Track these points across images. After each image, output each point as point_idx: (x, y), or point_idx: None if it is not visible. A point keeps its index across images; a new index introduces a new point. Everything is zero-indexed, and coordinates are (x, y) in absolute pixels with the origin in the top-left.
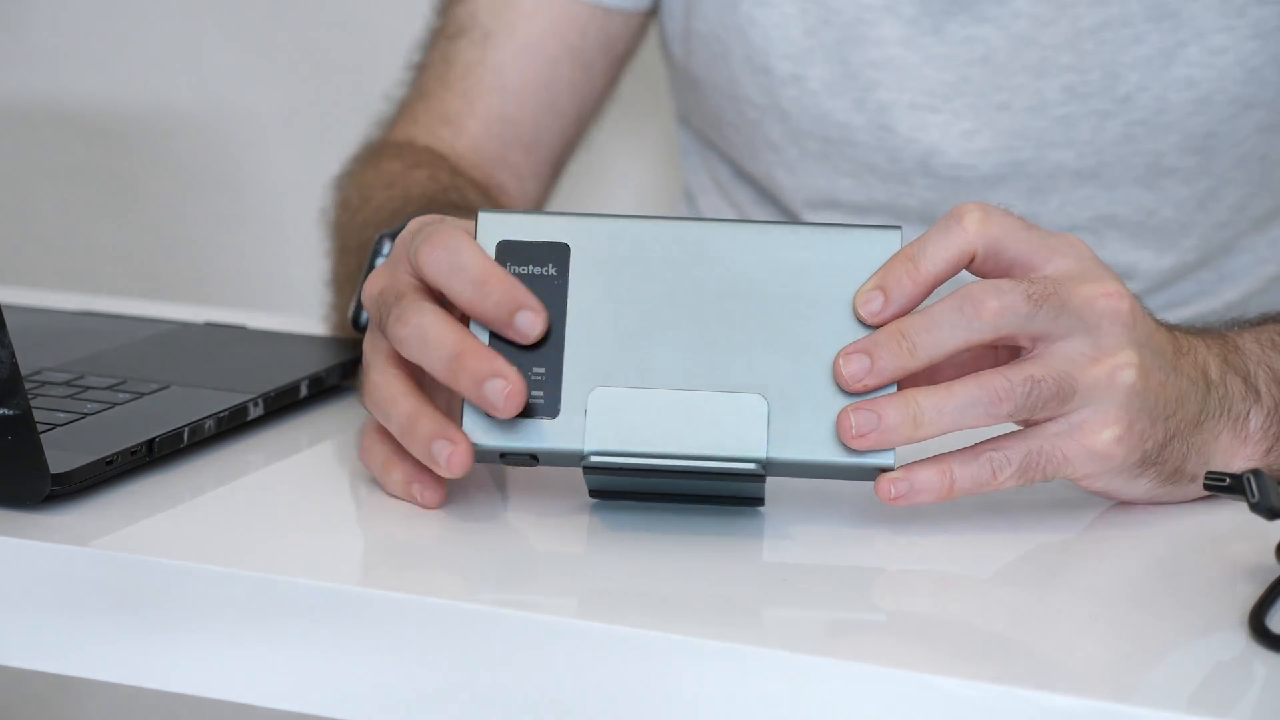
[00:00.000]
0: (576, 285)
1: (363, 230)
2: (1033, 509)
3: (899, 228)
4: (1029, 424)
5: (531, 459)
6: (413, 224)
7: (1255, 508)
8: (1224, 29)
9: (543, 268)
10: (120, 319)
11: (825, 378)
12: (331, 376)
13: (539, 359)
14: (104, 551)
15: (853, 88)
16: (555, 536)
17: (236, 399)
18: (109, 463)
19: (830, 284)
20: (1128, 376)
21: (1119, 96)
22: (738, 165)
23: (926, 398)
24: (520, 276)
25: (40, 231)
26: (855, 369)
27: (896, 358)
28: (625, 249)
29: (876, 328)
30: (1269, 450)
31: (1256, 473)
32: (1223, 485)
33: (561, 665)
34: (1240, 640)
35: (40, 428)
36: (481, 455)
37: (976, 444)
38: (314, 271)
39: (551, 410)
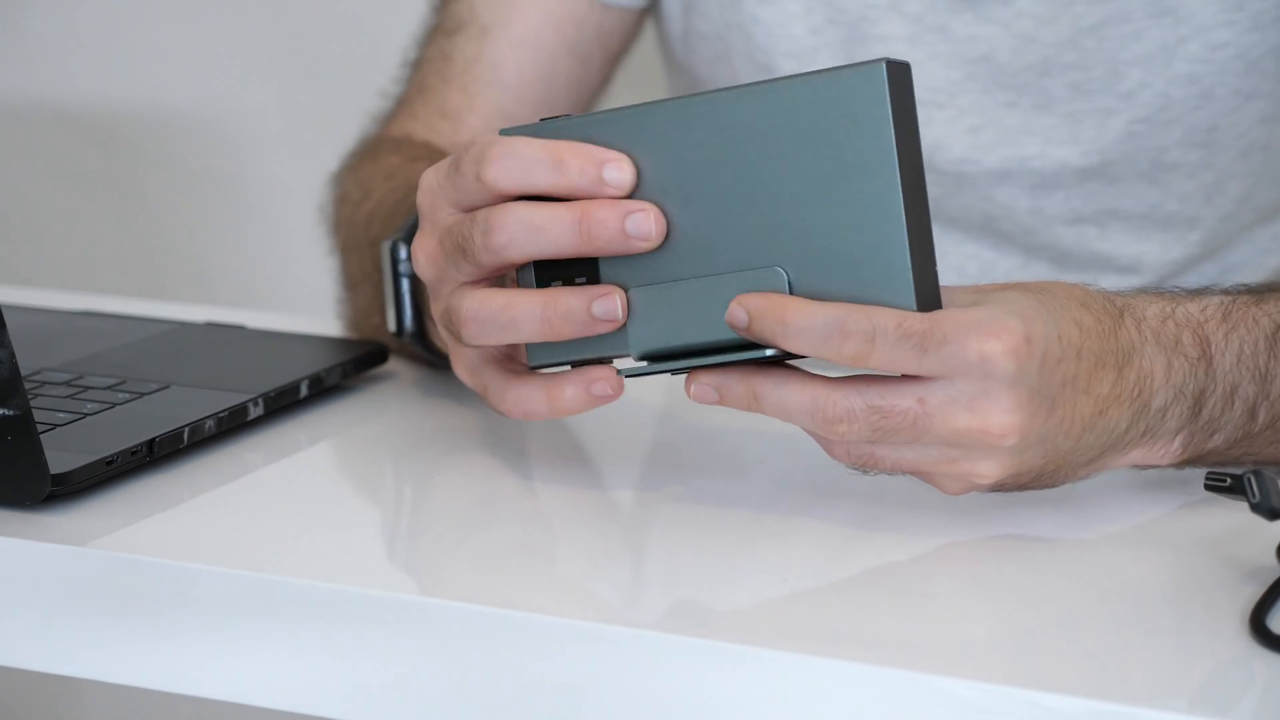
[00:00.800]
0: None
1: (368, 225)
2: (1032, 509)
3: (881, 63)
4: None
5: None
6: (429, 175)
7: (1255, 508)
8: (1224, 23)
9: None
10: (120, 319)
11: (832, 237)
12: (331, 376)
13: (580, 270)
14: (104, 551)
15: None
16: (556, 536)
17: (236, 399)
18: (109, 463)
19: (817, 139)
20: (985, 482)
21: (1121, 93)
22: None
23: (770, 396)
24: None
25: (40, 231)
26: (703, 395)
27: (740, 397)
28: (640, 144)
29: None
30: (1184, 461)
31: (1257, 472)
32: (1223, 486)
33: (562, 665)
34: (1240, 640)
35: (40, 428)
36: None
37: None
38: (314, 271)
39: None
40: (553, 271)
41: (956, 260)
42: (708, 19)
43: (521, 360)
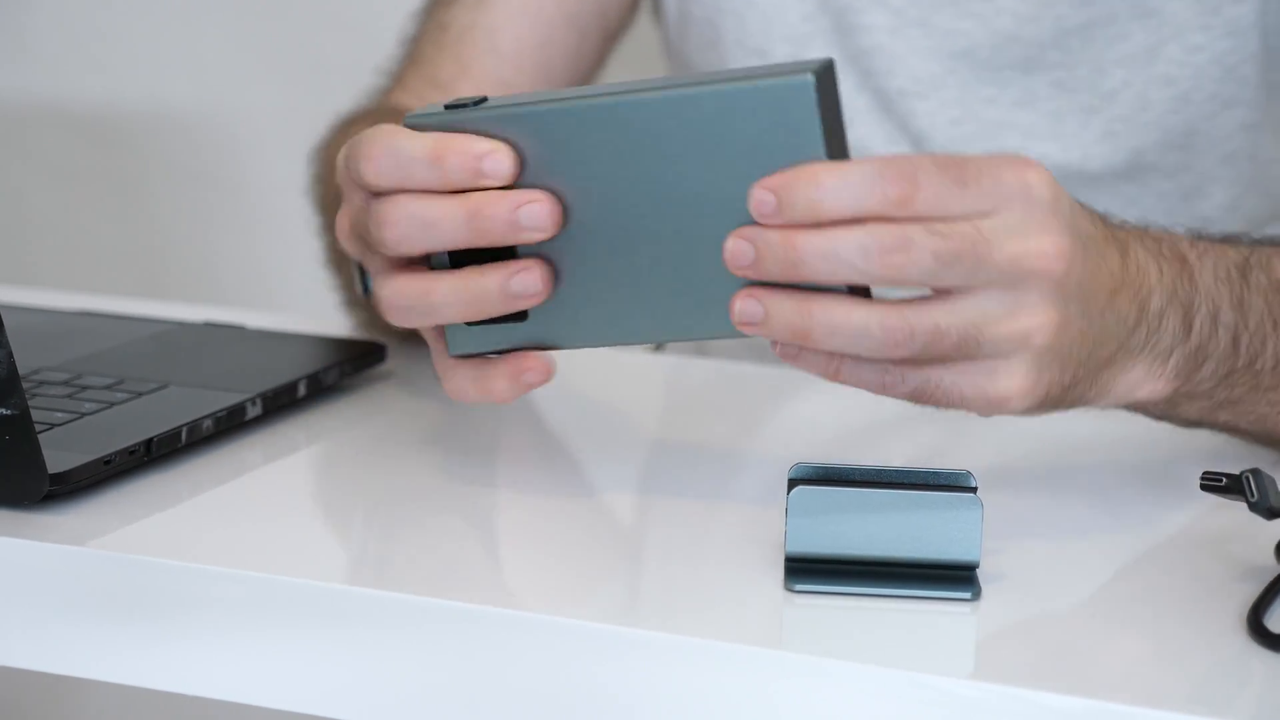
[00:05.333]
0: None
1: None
2: (1031, 509)
3: (808, 75)
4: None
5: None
6: (340, 153)
7: (1254, 508)
8: (1201, 27)
9: None
10: (119, 319)
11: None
12: (330, 376)
13: (496, 255)
14: (102, 551)
15: (853, 71)
16: (556, 537)
17: (235, 398)
18: (107, 462)
19: (751, 150)
20: (1041, 338)
21: (1104, 92)
22: None
23: (822, 313)
24: None
25: (40, 231)
26: (738, 257)
27: (779, 265)
28: (549, 143)
29: None
30: (1178, 389)
31: (1256, 472)
32: (1221, 485)
33: (561, 666)
34: (1239, 640)
35: (38, 427)
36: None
37: None
38: (313, 271)
39: (519, 314)
40: (470, 255)
41: None
42: (700, 3)
43: None
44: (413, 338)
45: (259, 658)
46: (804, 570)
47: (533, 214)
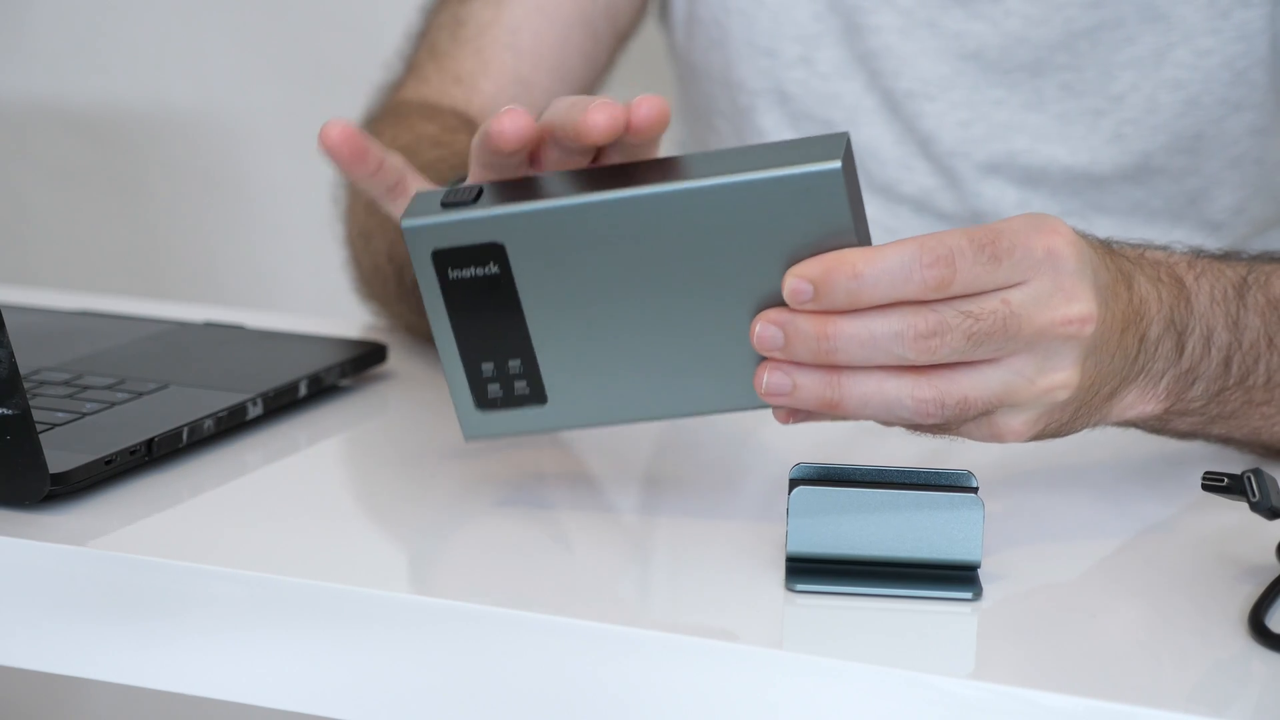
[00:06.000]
0: (523, 279)
1: (369, 211)
2: (1032, 509)
3: (835, 162)
4: None
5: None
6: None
7: (1255, 507)
8: (1210, 31)
9: (484, 268)
10: (119, 319)
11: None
12: (331, 376)
13: (513, 352)
14: (103, 551)
15: (861, 71)
16: (556, 537)
17: (235, 398)
18: (108, 462)
19: (778, 236)
20: (1061, 395)
21: (1112, 95)
22: None
23: (852, 386)
24: (463, 280)
25: (40, 231)
26: (767, 340)
27: (811, 352)
28: (560, 237)
29: None
30: (1168, 409)
31: (1257, 472)
32: (1222, 485)
33: (561, 665)
34: (1239, 639)
35: (39, 427)
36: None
37: None
38: (314, 272)
39: (539, 397)
40: (483, 349)
41: None
42: (707, 4)
43: None
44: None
45: (259, 658)
46: (805, 570)
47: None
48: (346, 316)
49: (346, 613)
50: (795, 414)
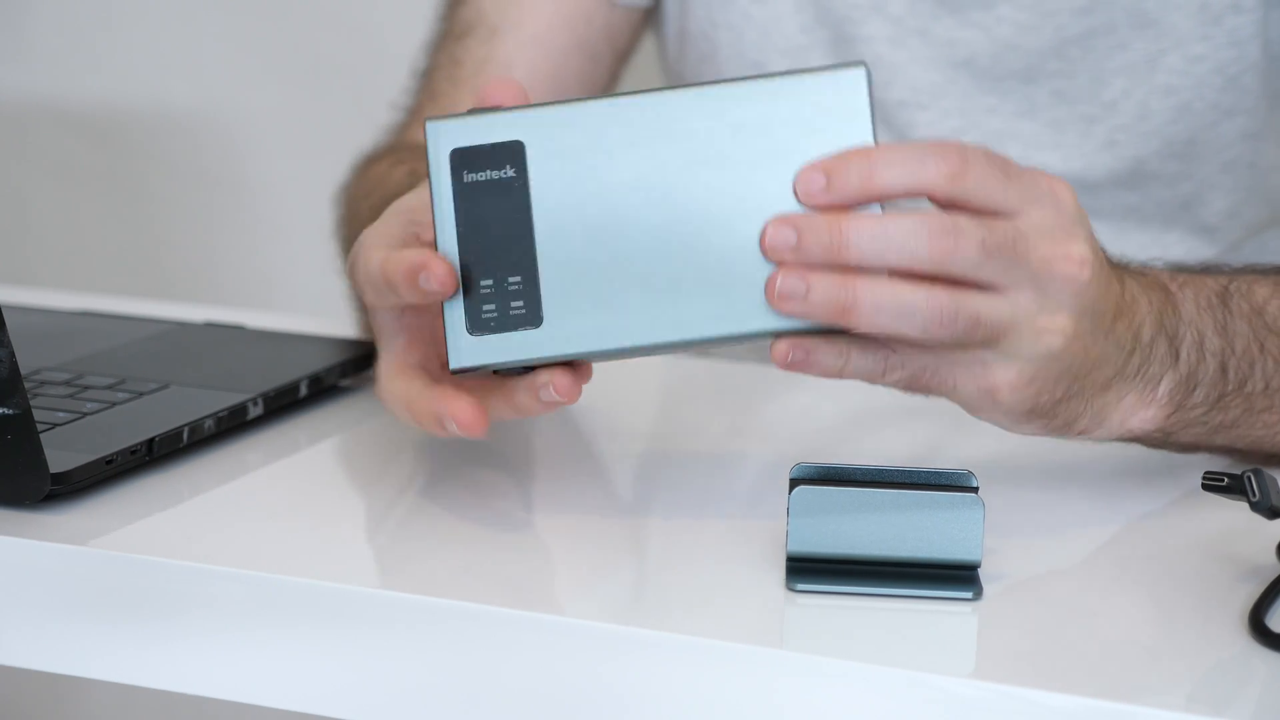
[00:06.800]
0: (538, 183)
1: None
2: (1033, 509)
3: (862, 64)
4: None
5: (524, 370)
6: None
7: (1255, 507)
8: (1202, 38)
9: (500, 170)
10: (120, 319)
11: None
12: (331, 376)
13: (513, 267)
14: (103, 551)
15: None
16: (556, 536)
17: (236, 398)
18: (108, 462)
19: (796, 139)
20: (1054, 342)
21: (1104, 102)
22: None
23: (868, 288)
24: (478, 184)
25: (41, 231)
26: (779, 242)
27: (824, 248)
28: (581, 136)
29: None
30: (1170, 415)
31: (1257, 471)
32: (1222, 485)
33: (561, 665)
34: (1239, 639)
35: (40, 427)
36: (476, 371)
37: (880, 340)
38: (314, 272)
39: (534, 319)
40: (485, 264)
41: None
42: (695, 18)
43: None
44: None
45: (259, 658)
46: (805, 570)
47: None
48: (346, 316)
49: (346, 613)
50: (798, 347)
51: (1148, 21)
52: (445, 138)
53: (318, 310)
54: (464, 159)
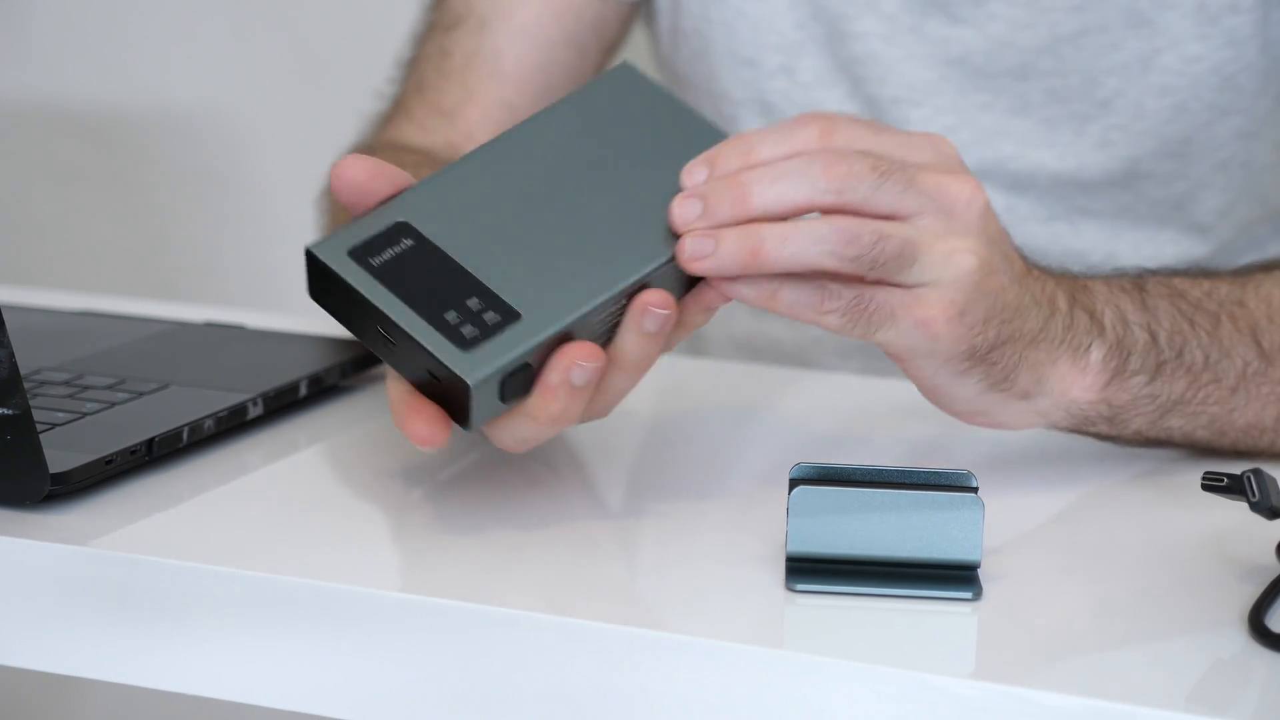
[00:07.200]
0: (439, 237)
1: None
2: (1032, 509)
3: (626, 62)
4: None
5: (526, 368)
6: None
7: (1255, 507)
8: (1198, 37)
9: (399, 245)
10: (119, 319)
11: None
12: (331, 376)
13: (465, 294)
14: (103, 551)
15: (844, 79)
16: (556, 537)
17: (236, 398)
18: (108, 462)
19: (620, 135)
20: (968, 261)
21: (1098, 101)
22: None
23: (770, 228)
24: (386, 263)
25: (42, 231)
26: (688, 213)
27: (731, 204)
28: (458, 197)
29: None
30: (1108, 384)
31: (1256, 471)
32: (1223, 485)
33: (562, 665)
34: (1239, 639)
35: (39, 427)
36: (490, 407)
37: (809, 277)
38: None
39: (512, 314)
40: (438, 304)
41: None
42: (688, 14)
43: None
44: None
45: (259, 658)
46: (805, 570)
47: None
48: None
49: (346, 613)
50: (723, 280)
51: (1142, 21)
52: (333, 250)
53: (318, 310)
54: (362, 252)
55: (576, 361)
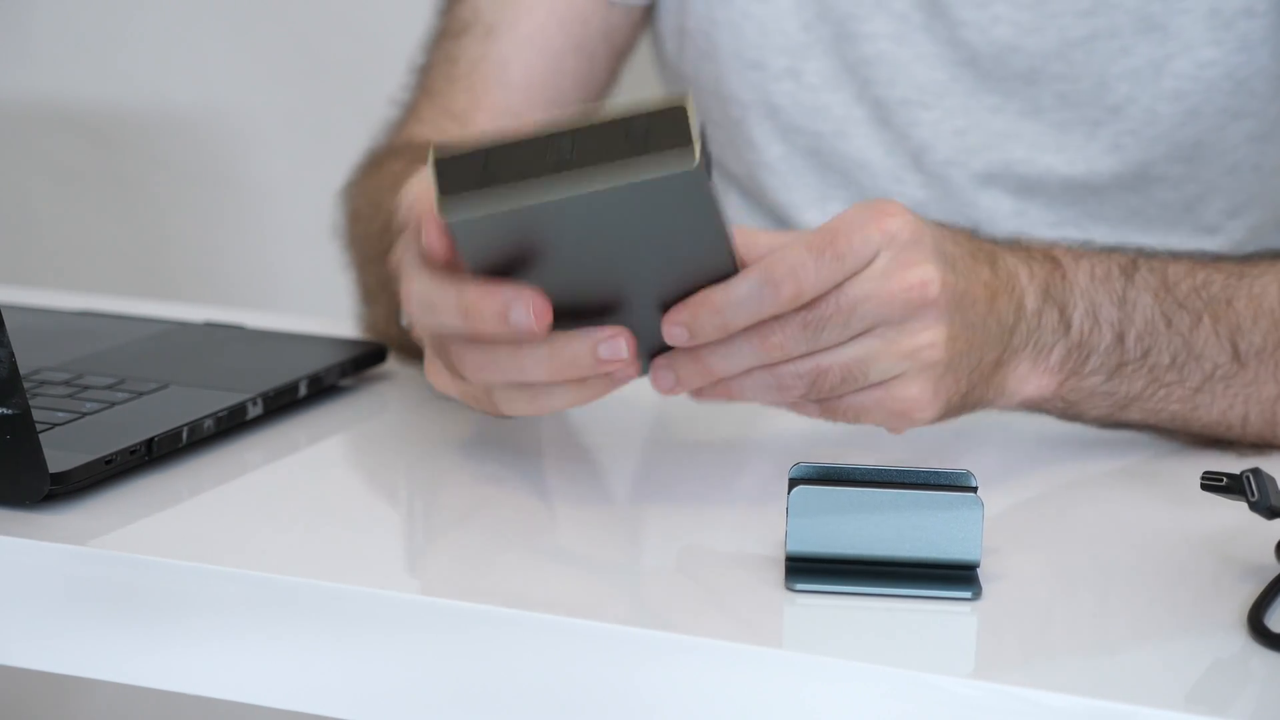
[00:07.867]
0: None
1: (381, 238)
2: (1032, 509)
3: (692, 160)
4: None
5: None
6: (394, 254)
7: (1255, 507)
8: (1212, 42)
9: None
10: (119, 319)
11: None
12: (331, 376)
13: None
14: (103, 551)
15: (851, 81)
16: (557, 537)
17: (235, 398)
18: (108, 462)
19: (658, 221)
20: (933, 354)
21: (1109, 106)
22: (722, 166)
23: (721, 364)
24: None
25: (42, 231)
26: (663, 383)
27: (696, 376)
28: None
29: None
30: (1063, 382)
31: (1256, 471)
32: (1221, 485)
33: (561, 665)
34: (1239, 639)
35: (39, 427)
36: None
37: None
38: (314, 271)
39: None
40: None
41: None
42: (695, 16)
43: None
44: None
45: (259, 658)
46: (805, 570)
47: (520, 316)
48: (346, 316)
49: (346, 613)
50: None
51: (1153, 25)
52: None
53: (318, 310)
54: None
55: (608, 338)
